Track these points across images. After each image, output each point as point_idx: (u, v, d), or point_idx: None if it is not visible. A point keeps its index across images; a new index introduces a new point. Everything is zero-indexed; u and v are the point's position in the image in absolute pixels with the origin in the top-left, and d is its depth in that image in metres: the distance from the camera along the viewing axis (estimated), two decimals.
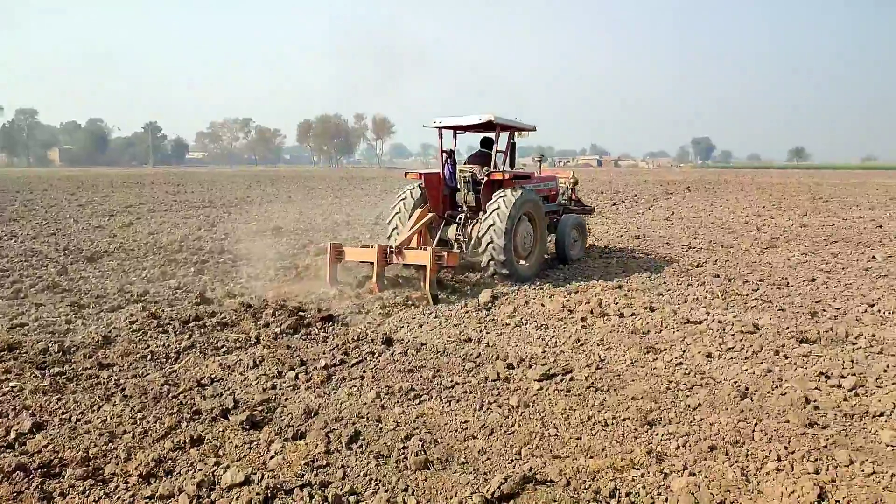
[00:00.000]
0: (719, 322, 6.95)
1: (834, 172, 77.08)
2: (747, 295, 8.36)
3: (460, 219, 10.00)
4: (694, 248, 12.94)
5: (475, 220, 9.86)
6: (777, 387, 5.13)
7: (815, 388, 5.07)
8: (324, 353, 5.93)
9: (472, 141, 11.80)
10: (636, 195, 30.01)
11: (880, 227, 16.57)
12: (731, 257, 11.63)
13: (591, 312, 7.41)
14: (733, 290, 8.57)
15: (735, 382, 5.23)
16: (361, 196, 29.75)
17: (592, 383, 5.22)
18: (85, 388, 5.09)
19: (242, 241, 13.36)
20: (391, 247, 8.60)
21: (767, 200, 26.39)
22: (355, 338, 6.40)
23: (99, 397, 4.89)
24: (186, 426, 4.41)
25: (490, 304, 7.93)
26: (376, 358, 5.85)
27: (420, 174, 10.08)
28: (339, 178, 54.81)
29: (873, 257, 11.53)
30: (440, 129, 9.99)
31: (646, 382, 5.25)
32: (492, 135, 10.31)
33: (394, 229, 9.85)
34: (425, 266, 8.23)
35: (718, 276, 9.65)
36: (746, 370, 5.51)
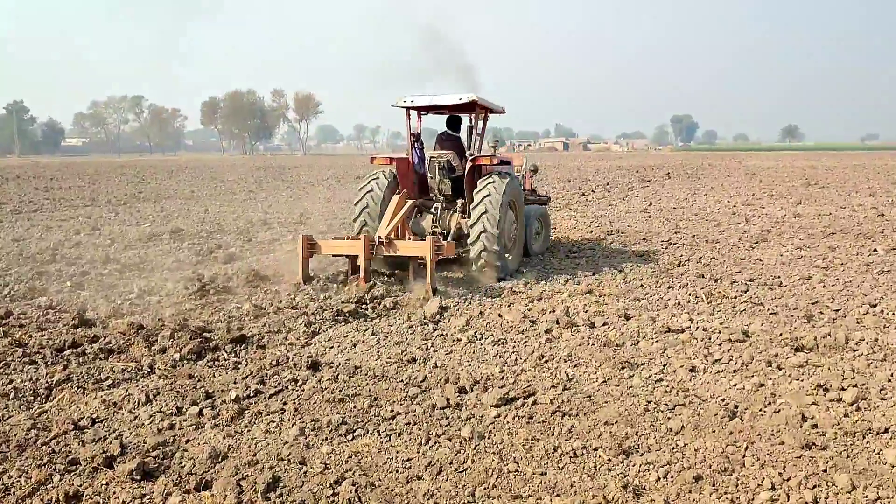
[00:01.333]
0: (704, 330, 7.15)
1: (830, 154, 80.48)
2: (735, 297, 8.62)
3: (435, 208, 10.76)
4: (675, 244, 13.28)
5: (452, 210, 10.76)
6: (770, 403, 5.30)
7: (813, 404, 5.26)
8: (235, 383, 5.81)
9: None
10: (608, 183, 30.62)
11: (882, 215, 17.40)
12: (717, 254, 11.99)
13: (557, 323, 7.51)
14: (720, 293, 8.83)
15: (723, 400, 5.38)
16: (282, 189, 29.38)
17: (559, 407, 5.27)
18: None
19: (133, 248, 13.01)
20: (380, 237, 9.24)
21: (757, 187, 27.34)
22: (274, 363, 6.29)
23: None
24: (60, 480, 4.23)
25: (438, 316, 7.94)
26: (300, 386, 5.77)
27: (391, 159, 10.80)
28: (254, 167, 54.00)
29: (875, 251, 12.08)
30: (408, 109, 10.66)
31: (620, 404, 5.34)
32: (462, 115, 11.14)
33: (362, 220, 10.40)
34: (411, 258, 9.17)
35: (703, 277, 9.93)
36: (735, 385, 5.68)
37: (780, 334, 6.96)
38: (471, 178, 10.49)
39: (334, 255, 9.94)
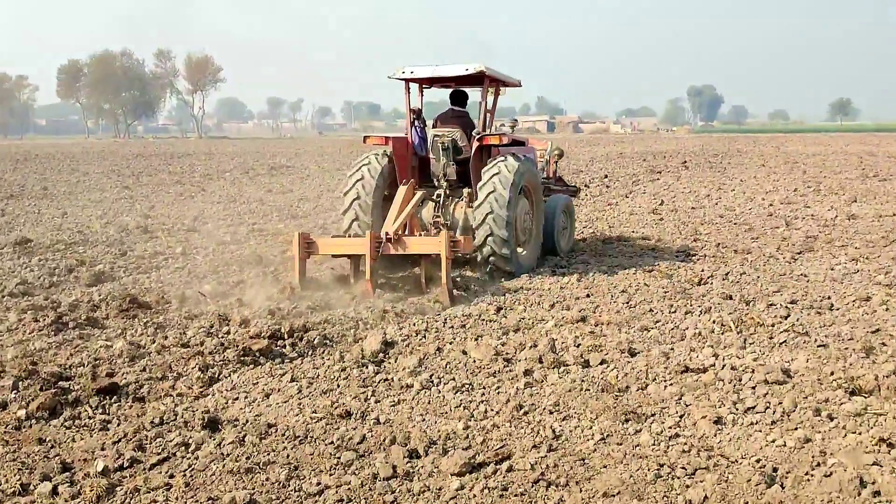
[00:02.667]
0: (733, 369, 7.22)
1: (893, 136, 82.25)
2: (773, 325, 8.74)
3: (438, 196, 12.10)
4: (694, 255, 13.48)
5: (458, 198, 12.09)
6: (819, 465, 5.37)
7: (874, 464, 5.34)
8: (102, 450, 5.70)
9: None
10: (607, 176, 30.93)
11: None
12: (749, 268, 12.17)
13: (540, 361, 7.52)
14: (753, 319, 8.93)
15: (757, 461, 5.44)
16: (169, 184, 29.03)
17: (542, 474, 5.27)
18: None
19: None
20: (387, 233, 10.45)
21: (800, 180, 27.87)
22: (157, 420, 6.21)
23: None
24: None
25: (381, 353, 7.90)
26: (192, 452, 5.70)
27: (387, 139, 12.19)
28: (131, 155, 53.30)
29: None
30: (408, 81, 12.20)
31: (624, 468, 5.36)
32: (468, 89, 12.80)
33: (352, 214, 11.78)
34: (422, 256, 10.60)
35: (731, 298, 10.06)
36: (774, 441, 5.74)
37: (832, 373, 7.05)
38: (478, 160, 11.87)
39: (334, 256, 11.49)
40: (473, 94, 12.94)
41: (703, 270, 11.95)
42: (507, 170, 11.21)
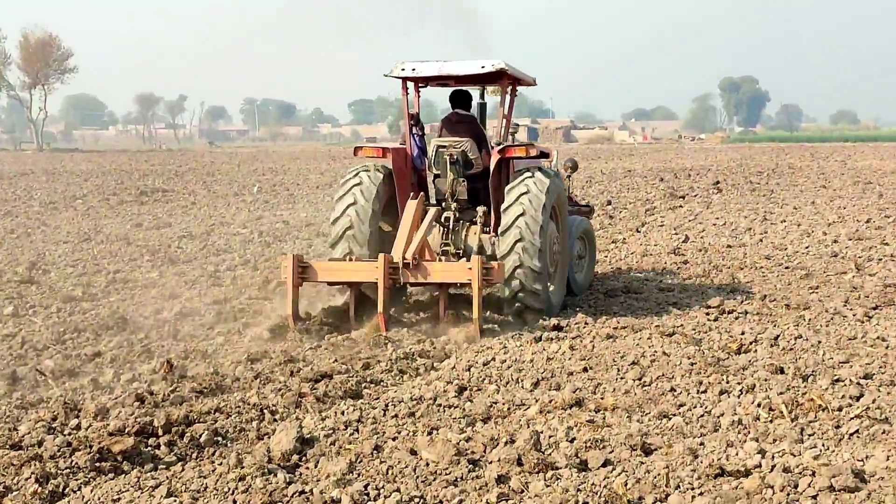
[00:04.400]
0: (786, 471, 7.20)
1: None
2: (841, 409, 8.76)
3: (446, 219, 13.46)
4: (730, 311, 13.55)
5: (470, 221, 13.53)
6: None
7: None
8: None
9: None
10: (610, 202, 31.08)
11: None
12: (807, 329, 12.23)
13: (519, 463, 7.48)
14: (812, 401, 8.95)
15: None
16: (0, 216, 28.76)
17: None
18: None
19: None
20: (404, 258, 11.63)
21: (874, 206, 28.19)
22: None
23: None
24: None
25: (296, 454, 7.82)
26: None
27: (383, 150, 13.59)
28: None
29: None
30: (405, 80, 13.66)
31: None
32: (472, 89, 14.53)
33: (345, 238, 12.98)
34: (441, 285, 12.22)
35: (781, 372, 10.09)
36: None
37: None
38: (497, 175, 13.35)
39: (331, 284, 12.83)
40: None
41: (743, 333, 11.98)
42: (538, 187, 12.51)
